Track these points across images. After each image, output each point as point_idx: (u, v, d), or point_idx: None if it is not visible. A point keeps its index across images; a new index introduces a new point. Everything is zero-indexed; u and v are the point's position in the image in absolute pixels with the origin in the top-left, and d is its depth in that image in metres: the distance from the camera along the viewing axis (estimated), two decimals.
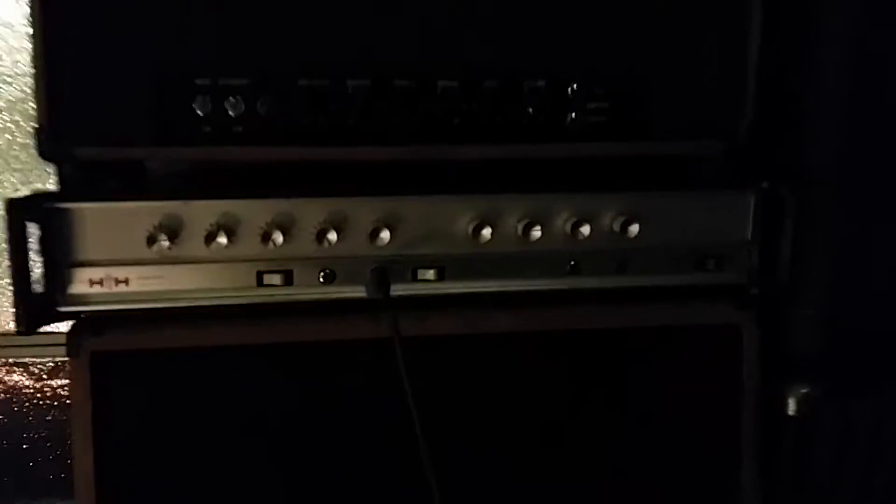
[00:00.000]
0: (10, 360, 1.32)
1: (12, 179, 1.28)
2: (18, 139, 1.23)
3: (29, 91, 0.83)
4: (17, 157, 1.27)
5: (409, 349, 0.80)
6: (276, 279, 0.84)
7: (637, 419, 0.92)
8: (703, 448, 0.93)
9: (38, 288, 0.80)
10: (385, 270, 0.85)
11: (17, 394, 1.33)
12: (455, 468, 0.88)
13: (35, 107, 0.79)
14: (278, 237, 0.82)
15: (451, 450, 0.88)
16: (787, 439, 0.94)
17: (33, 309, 0.80)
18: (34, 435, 1.34)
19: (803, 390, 0.92)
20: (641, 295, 0.90)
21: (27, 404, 1.34)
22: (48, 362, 1.32)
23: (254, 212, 0.82)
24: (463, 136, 0.85)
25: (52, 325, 0.82)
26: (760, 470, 0.93)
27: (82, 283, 0.82)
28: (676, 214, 0.89)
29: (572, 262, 0.88)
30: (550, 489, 0.92)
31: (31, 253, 0.79)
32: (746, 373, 0.91)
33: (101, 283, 0.83)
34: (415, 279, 0.87)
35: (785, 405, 0.92)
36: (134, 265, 0.82)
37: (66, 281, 0.82)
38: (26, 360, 1.32)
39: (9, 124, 1.26)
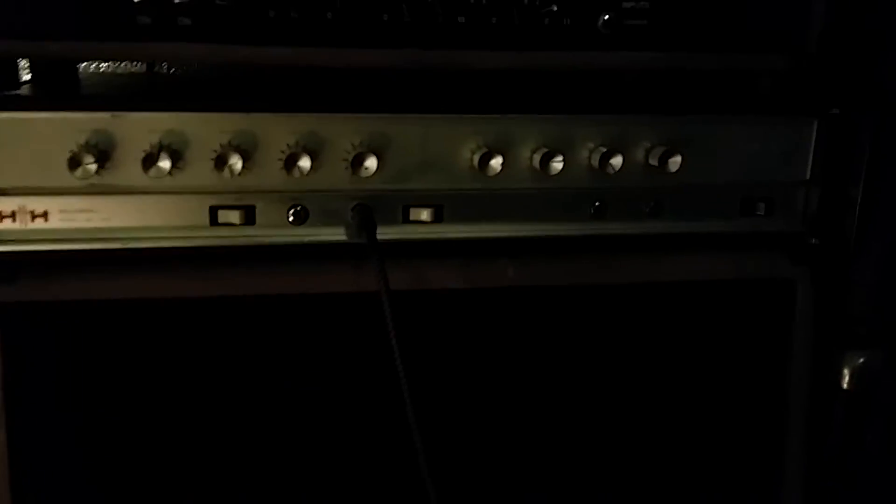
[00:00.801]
0: None
1: None
2: None
3: None
4: None
5: (399, 306, 0.65)
6: (233, 216, 0.68)
7: (669, 388, 0.77)
8: (743, 421, 0.79)
9: None
10: (370, 208, 0.69)
11: None
12: (452, 445, 0.73)
13: None
14: (236, 163, 0.65)
15: (447, 425, 0.73)
16: (839, 415, 0.80)
17: None
18: None
19: (860, 360, 0.78)
20: (678, 243, 0.74)
21: None
22: None
23: (206, 129, 0.65)
24: (469, 39, 0.68)
25: None
26: (806, 449, 0.79)
27: None
28: (724, 145, 0.73)
29: (597, 203, 0.72)
30: (569, 466, 0.77)
31: None
32: (798, 337, 0.77)
33: (12, 216, 0.65)
34: (406, 220, 0.70)
35: (839, 376, 0.78)
36: (54, 195, 0.65)
37: None
38: None
39: None
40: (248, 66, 0.67)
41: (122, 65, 0.89)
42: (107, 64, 0.86)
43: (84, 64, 0.86)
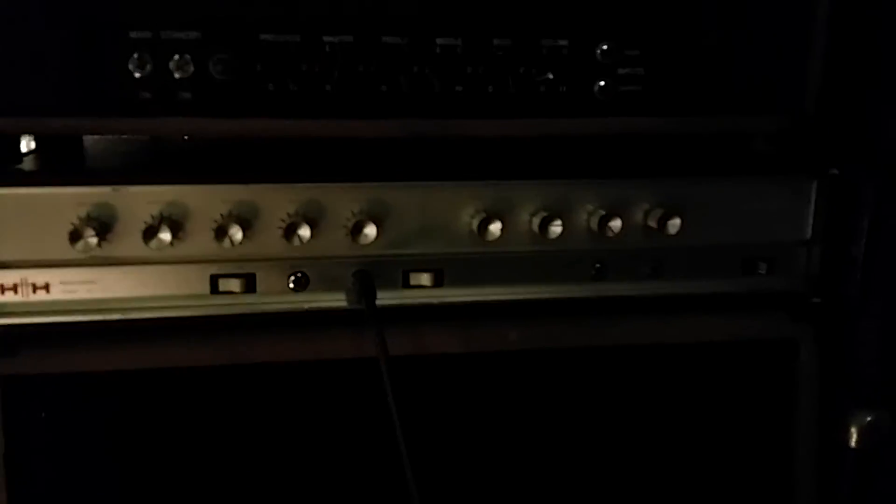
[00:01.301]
0: None
1: None
2: None
3: None
4: None
5: (399, 371, 0.65)
6: (234, 285, 0.68)
7: (673, 450, 0.76)
8: (750, 484, 0.78)
9: None
10: (370, 274, 0.69)
11: None
12: None
13: None
14: (237, 233, 0.65)
15: (448, 491, 0.73)
16: (847, 474, 0.79)
17: None
18: None
19: (868, 418, 0.77)
20: (679, 304, 0.74)
21: None
22: None
23: (206, 200, 0.66)
24: (467, 107, 0.68)
25: None
26: None
27: None
28: (723, 206, 0.73)
29: (598, 265, 0.72)
30: None
31: None
32: (803, 396, 0.76)
33: (14, 289, 0.66)
34: (406, 285, 0.71)
35: (847, 435, 0.77)
36: (55, 267, 0.66)
37: None
38: None
39: None
40: (248, 138, 0.67)
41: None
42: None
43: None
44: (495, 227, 0.68)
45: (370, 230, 0.67)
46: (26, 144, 0.74)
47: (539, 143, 0.74)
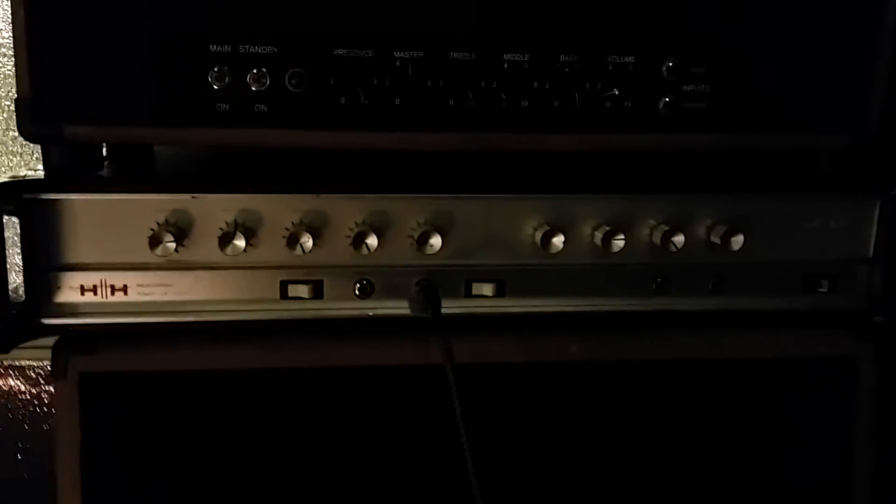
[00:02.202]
0: (5, 363, 1.20)
1: (10, 163, 1.15)
2: None
3: None
4: (15, 139, 1.14)
5: (461, 380, 0.66)
6: (303, 291, 0.70)
7: (731, 466, 0.77)
8: (808, 502, 0.78)
9: (17, 296, 0.67)
10: (434, 283, 0.71)
11: (11, 399, 1.20)
12: None
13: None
14: (307, 241, 0.67)
15: (510, 497, 0.74)
16: None
17: (11, 321, 0.66)
18: (29, 446, 1.21)
19: None
20: (740, 320, 0.75)
21: (22, 411, 1.21)
22: (47, 365, 1.19)
23: (278, 209, 0.68)
24: (532, 122, 0.70)
25: (35, 339, 0.69)
26: None
27: (71, 290, 0.68)
28: (786, 224, 0.73)
29: (659, 279, 0.73)
30: None
31: (10, 253, 0.66)
32: (861, 415, 0.76)
33: (93, 290, 0.69)
34: (469, 294, 0.72)
35: None
36: (133, 270, 0.68)
37: (52, 287, 0.68)
38: (22, 362, 1.20)
39: (4, 101, 1.12)
40: (319, 149, 0.69)
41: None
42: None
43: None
44: (558, 241, 0.70)
45: (435, 240, 0.69)
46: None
47: (603, 157, 0.75)
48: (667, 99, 0.70)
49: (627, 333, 0.74)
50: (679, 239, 0.70)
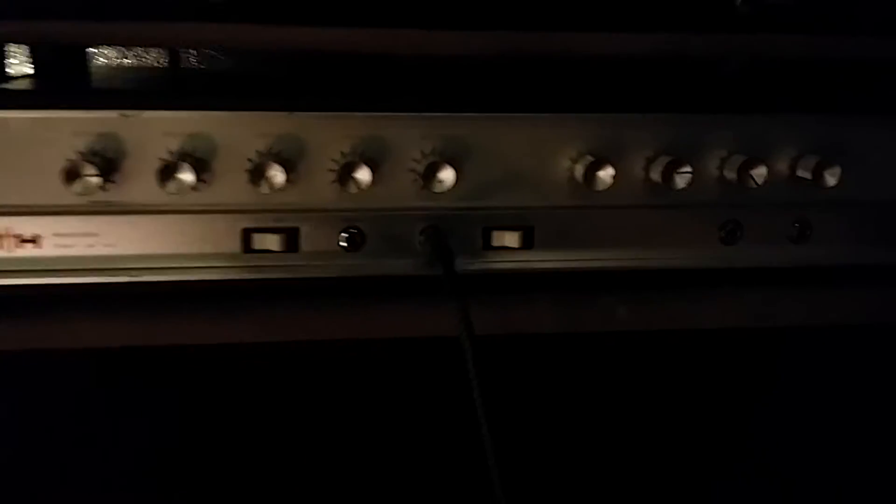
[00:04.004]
0: None
1: None
2: None
3: None
4: None
5: (482, 355, 0.50)
6: (272, 242, 0.54)
7: (811, 441, 0.62)
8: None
9: None
10: (444, 232, 0.55)
11: None
12: None
13: None
14: (276, 175, 0.51)
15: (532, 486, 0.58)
16: None
17: None
18: None
19: None
20: (831, 276, 0.59)
21: None
22: None
23: (239, 132, 0.51)
24: (571, 18, 0.53)
25: None
26: None
27: None
28: (889, 153, 0.58)
29: (729, 226, 0.57)
30: None
31: None
32: None
33: None
34: (487, 246, 0.56)
35: None
36: (47, 215, 0.52)
37: None
38: None
39: None
40: (294, 55, 0.53)
41: (142, 57, 0.76)
42: (124, 58, 0.73)
43: (99, 58, 0.73)
44: (606, 174, 0.53)
45: (446, 174, 0.52)
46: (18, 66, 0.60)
47: (664, 66, 0.59)
48: None
49: (691, 294, 0.58)
50: (760, 171, 0.54)
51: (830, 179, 0.55)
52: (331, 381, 0.57)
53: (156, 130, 0.51)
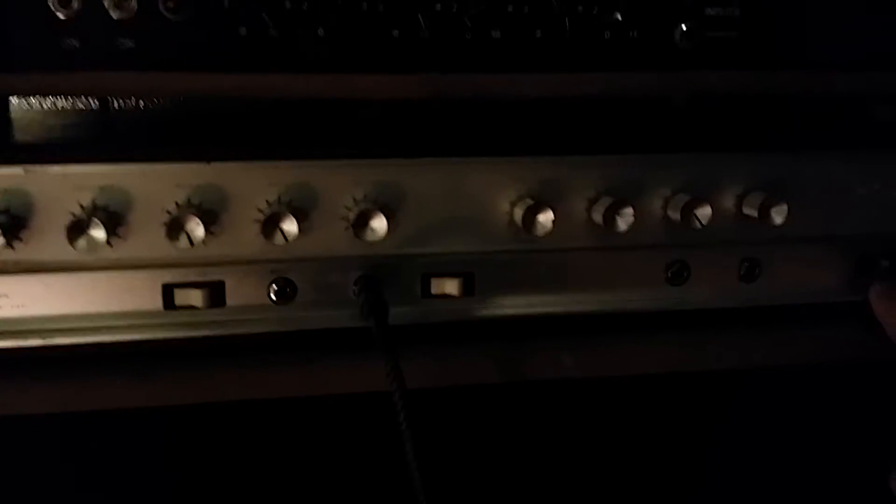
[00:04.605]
0: None
1: None
2: None
3: None
4: None
5: (419, 409, 0.48)
6: (195, 297, 0.51)
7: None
8: None
9: None
10: (378, 280, 0.52)
11: None
12: None
13: None
14: (196, 228, 0.48)
15: None
16: None
17: None
18: None
19: None
20: (780, 315, 0.57)
21: None
22: None
23: (154, 184, 0.48)
24: (507, 59, 0.51)
25: None
26: None
27: None
28: (837, 188, 0.56)
29: (675, 265, 0.56)
30: None
31: None
32: None
33: None
34: (427, 294, 0.53)
35: None
36: None
37: None
38: None
39: None
40: (214, 100, 0.50)
41: (67, 101, 0.72)
42: (47, 102, 0.70)
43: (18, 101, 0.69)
44: (545, 218, 0.51)
45: (378, 223, 0.50)
46: None
47: (603, 107, 0.57)
48: (685, 27, 0.52)
49: (637, 339, 0.55)
50: (704, 211, 0.53)
51: (777, 218, 0.53)
52: (266, 439, 0.54)
53: (64, 185, 0.47)
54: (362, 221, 0.50)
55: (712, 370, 0.56)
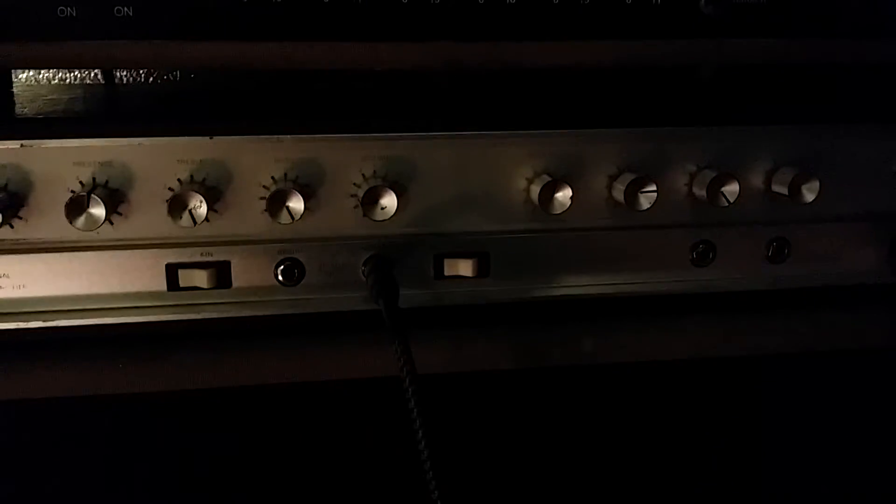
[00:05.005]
0: None
1: None
2: None
3: None
4: None
5: (431, 394, 0.46)
6: (199, 278, 0.49)
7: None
8: None
9: None
10: (389, 261, 0.50)
11: None
12: None
13: None
14: (199, 206, 0.46)
15: None
16: None
17: None
18: None
19: None
20: (809, 298, 0.55)
21: None
22: None
23: (157, 159, 0.47)
24: (522, 27, 0.48)
25: None
26: None
27: None
28: (871, 165, 0.53)
29: (700, 246, 0.53)
30: None
31: None
32: None
33: None
34: (439, 276, 0.51)
35: None
36: None
37: None
38: None
39: None
40: (215, 72, 0.48)
41: (74, 74, 0.71)
42: (55, 75, 0.68)
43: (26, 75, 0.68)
44: (563, 196, 0.49)
45: (388, 200, 0.48)
46: None
47: (625, 77, 0.54)
48: None
49: (659, 324, 0.53)
50: (732, 188, 0.50)
51: (808, 195, 0.51)
52: (274, 424, 0.52)
53: (63, 160, 0.46)
54: (371, 199, 0.48)
55: (738, 356, 0.53)
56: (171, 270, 0.49)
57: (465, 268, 0.51)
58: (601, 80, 0.56)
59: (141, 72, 0.69)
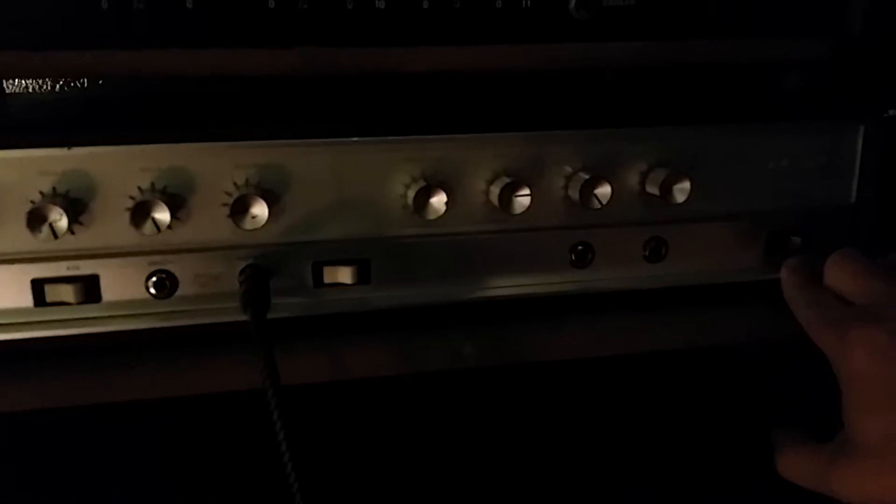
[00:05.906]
0: None
1: None
2: None
3: None
4: None
5: (315, 402, 0.45)
6: (67, 293, 0.47)
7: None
8: None
9: None
10: (265, 271, 0.49)
11: None
12: None
13: None
14: (60, 218, 0.45)
15: None
16: None
17: None
18: None
19: None
20: (686, 297, 0.56)
21: None
22: None
23: (17, 170, 0.45)
24: (389, 31, 0.48)
25: None
26: None
27: None
28: (744, 163, 0.55)
29: (579, 247, 0.54)
30: None
31: None
32: None
33: None
34: (319, 284, 0.51)
35: None
36: None
37: None
38: None
39: None
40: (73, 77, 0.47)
41: None
42: None
43: None
44: (438, 201, 0.49)
45: (258, 209, 0.47)
46: None
47: (496, 79, 0.55)
48: None
49: (541, 325, 0.53)
50: (604, 190, 0.51)
51: (679, 195, 0.52)
52: (149, 440, 0.51)
53: None
54: (241, 208, 0.47)
55: (618, 355, 0.54)
56: (38, 286, 0.47)
57: (344, 275, 0.51)
58: (483, 83, 0.57)
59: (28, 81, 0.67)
